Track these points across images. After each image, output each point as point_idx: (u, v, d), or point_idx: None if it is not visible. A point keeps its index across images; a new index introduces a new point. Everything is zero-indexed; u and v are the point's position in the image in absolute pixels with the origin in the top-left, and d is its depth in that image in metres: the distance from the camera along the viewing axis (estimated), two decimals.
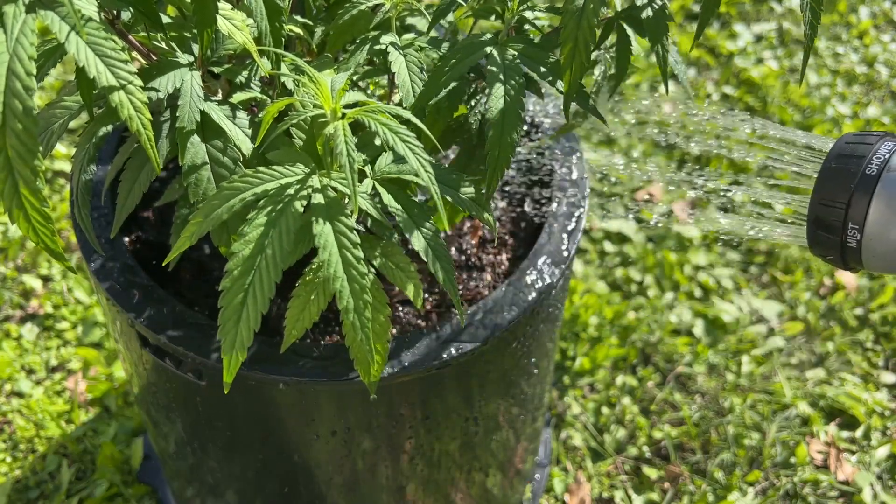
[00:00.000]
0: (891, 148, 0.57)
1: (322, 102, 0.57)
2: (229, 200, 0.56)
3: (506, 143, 0.63)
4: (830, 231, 0.58)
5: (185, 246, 0.56)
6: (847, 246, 0.58)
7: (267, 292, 0.54)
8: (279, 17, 0.61)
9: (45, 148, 0.60)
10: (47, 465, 1.18)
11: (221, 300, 0.54)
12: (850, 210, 0.57)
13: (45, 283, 1.37)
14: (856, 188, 0.56)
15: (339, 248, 0.55)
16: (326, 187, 0.57)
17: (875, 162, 0.56)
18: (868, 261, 0.58)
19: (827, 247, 0.59)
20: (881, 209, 0.56)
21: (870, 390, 1.30)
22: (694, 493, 1.18)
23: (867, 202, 0.56)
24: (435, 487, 0.89)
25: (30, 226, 0.46)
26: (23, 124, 0.43)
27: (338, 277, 0.55)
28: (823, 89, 1.76)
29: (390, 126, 0.57)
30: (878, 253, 0.57)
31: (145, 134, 0.51)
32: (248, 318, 0.54)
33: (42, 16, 0.46)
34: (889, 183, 0.56)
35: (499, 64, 0.65)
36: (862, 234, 0.57)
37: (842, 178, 0.57)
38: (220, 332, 0.55)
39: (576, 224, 0.82)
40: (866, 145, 0.57)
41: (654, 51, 0.65)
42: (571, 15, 0.60)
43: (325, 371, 0.70)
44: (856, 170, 0.57)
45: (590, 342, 1.32)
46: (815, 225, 0.59)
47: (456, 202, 0.66)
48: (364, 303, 0.55)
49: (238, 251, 0.55)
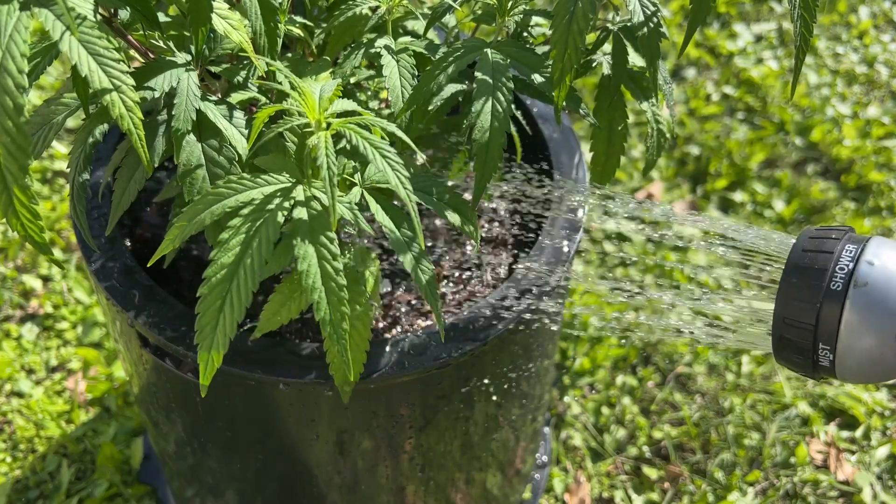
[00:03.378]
0: (853, 253, 0.53)
1: (306, 112, 0.57)
2: (212, 206, 0.56)
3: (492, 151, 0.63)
4: (800, 352, 0.55)
5: (169, 248, 0.56)
6: (819, 364, 0.55)
7: (244, 300, 0.55)
8: (274, 16, 0.61)
9: (42, 143, 0.61)
10: (47, 465, 1.18)
11: (199, 306, 0.55)
12: (820, 330, 0.53)
13: (45, 283, 1.37)
14: (822, 306, 0.53)
15: (318, 259, 0.56)
16: (310, 199, 0.57)
17: (839, 274, 0.53)
18: (842, 374, 0.55)
19: (797, 365, 0.56)
20: (853, 326, 0.52)
21: (870, 390, 1.30)
22: (694, 493, 1.18)
23: (837, 321, 0.53)
24: (435, 487, 0.89)
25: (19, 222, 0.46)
26: (13, 122, 0.43)
27: (316, 289, 0.55)
28: (823, 89, 1.76)
29: (371, 140, 0.57)
30: (852, 368, 0.54)
31: (136, 133, 0.51)
32: (224, 324, 0.55)
33: (36, 14, 0.46)
34: (857, 297, 0.52)
35: (489, 69, 0.64)
36: (834, 353, 0.54)
37: (806, 296, 0.54)
38: (197, 337, 0.55)
39: (576, 224, 0.82)
40: (825, 254, 0.54)
41: (648, 69, 0.65)
42: (561, 19, 0.60)
43: (324, 371, 0.70)
44: (818, 285, 0.53)
45: (590, 342, 1.32)
46: (781, 343, 0.56)
47: (440, 213, 0.65)
48: (341, 314, 0.56)
49: (217, 258, 0.55)
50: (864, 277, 0.52)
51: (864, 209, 1.53)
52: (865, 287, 0.52)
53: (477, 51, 0.65)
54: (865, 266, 0.53)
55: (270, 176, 0.58)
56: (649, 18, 0.63)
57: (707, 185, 1.56)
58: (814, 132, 1.65)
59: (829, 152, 1.63)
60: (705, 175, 1.57)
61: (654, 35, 0.63)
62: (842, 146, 1.62)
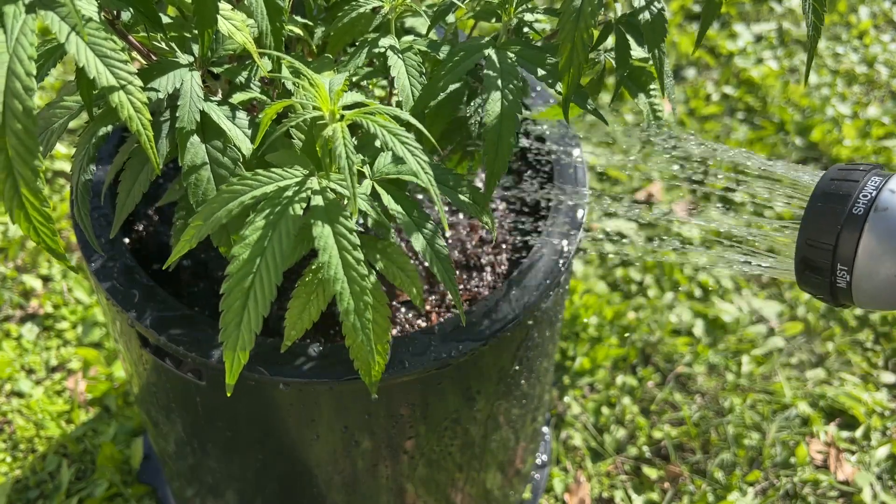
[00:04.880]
0: (877, 184, 0.55)
1: (320, 104, 0.57)
2: (228, 204, 0.56)
3: (503, 148, 0.63)
4: (819, 272, 0.57)
5: (185, 249, 0.55)
6: (837, 286, 0.56)
7: (268, 295, 0.54)
8: (280, 16, 0.61)
9: (45, 148, 0.60)
10: (47, 465, 1.18)
11: (223, 303, 0.54)
12: (838, 251, 0.55)
13: (45, 283, 1.37)
14: (843, 229, 0.55)
15: (339, 249, 0.55)
16: (325, 189, 0.57)
17: (862, 200, 0.55)
18: (859, 299, 0.56)
19: (816, 286, 0.58)
20: (870, 249, 0.54)
21: (870, 390, 1.30)
22: (694, 493, 1.18)
23: (855, 243, 0.54)
24: (435, 487, 0.89)
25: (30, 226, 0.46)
26: (22, 124, 0.43)
27: (338, 279, 0.55)
28: (823, 89, 1.76)
29: (389, 128, 0.57)
30: (869, 292, 0.56)
31: (145, 134, 0.51)
32: (249, 320, 0.54)
33: (42, 16, 0.46)
34: (877, 222, 0.54)
35: (496, 67, 0.64)
36: (851, 274, 0.55)
37: (828, 219, 0.56)
38: (222, 335, 0.54)
39: (576, 224, 0.82)
40: (851, 182, 0.56)
41: (651, 55, 0.65)
42: (569, 17, 0.60)
43: (325, 371, 0.70)
44: (842, 209, 0.55)
45: (590, 342, 1.32)
46: (803, 265, 0.58)
47: (455, 203, 0.66)
48: (365, 304, 0.55)
49: (238, 254, 0.55)
50: (885, 203, 0.54)
51: None
52: (886, 212, 0.54)
53: (482, 49, 0.66)
54: (888, 193, 0.54)
55: (284, 170, 0.58)
56: (651, 3, 0.63)
57: (707, 184, 1.56)
58: (814, 132, 1.65)
59: (829, 152, 1.63)
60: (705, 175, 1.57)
61: (659, 19, 0.64)
62: (842, 146, 1.63)
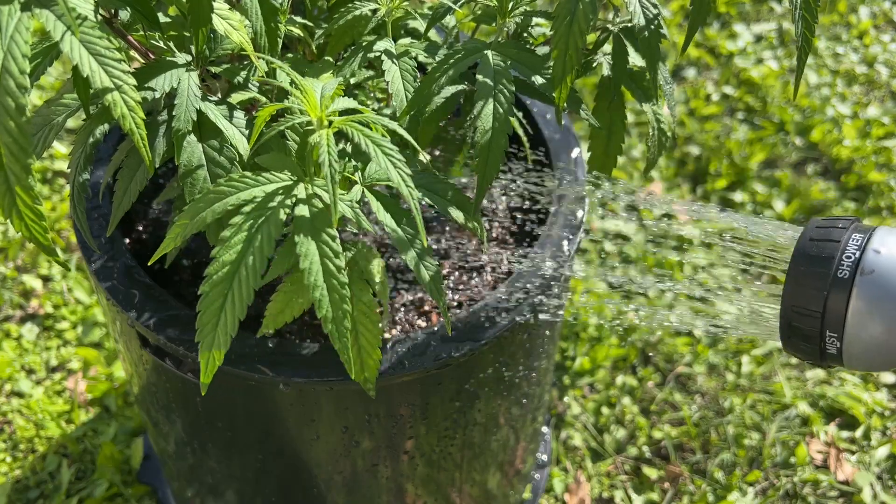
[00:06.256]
0: (859, 243, 0.54)
1: (308, 110, 0.57)
2: (214, 204, 0.56)
3: (494, 155, 0.63)
4: (807, 340, 0.55)
5: (171, 247, 0.56)
6: (826, 352, 0.55)
7: (246, 298, 0.55)
8: (275, 16, 0.61)
9: (42, 144, 0.61)
10: (47, 465, 1.18)
11: (200, 304, 0.55)
12: (827, 318, 0.54)
13: (45, 283, 1.37)
14: (829, 294, 0.53)
15: (320, 257, 0.56)
16: (312, 197, 0.57)
17: (846, 263, 0.53)
18: (849, 363, 0.55)
19: (805, 352, 0.57)
20: (859, 314, 0.53)
21: (870, 390, 1.30)
22: (694, 493, 1.18)
23: (844, 308, 0.53)
24: (435, 487, 0.89)
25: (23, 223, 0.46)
26: (15, 122, 0.43)
27: (318, 286, 0.55)
28: (823, 89, 1.76)
29: (373, 138, 0.57)
30: (859, 356, 0.54)
31: (138, 133, 0.51)
32: (226, 322, 0.55)
33: (37, 14, 0.46)
34: (864, 286, 0.53)
35: (490, 71, 0.64)
36: (842, 341, 0.54)
37: (813, 284, 0.54)
38: (199, 335, 0.55)
39: (576, 224, 0.82)
40: (833, 242, 0.54)
41: (648, 70, 0.65)
42: (563, 20, 0.60)
43: (325, 371, 0.70)
44: (826, 273, 0.54)
45: (590, 342, 1.32)
46: (789, 331, 0.56)
47: (443, 210, 0.65)
48: (343, 312, 0.56)
49: (219, 256, 0.55)
50: (870, 265, 0.53)
51: (864, 209, 1.53)
52: (872, 275, 0.53)
53: (477, 53, 0.65)
54: (872, 254, 0.53)
55: (272, 174, 0.58)
56: (650, 22, 0.63)
57: (707, 185, 1.56)
58: (814, 132, 1.65)
59: (828, 152, 1.63)
60: (705, 175, 1.57)
61: (655, 37, 0.63)
62: (842, 146, 1.62)
